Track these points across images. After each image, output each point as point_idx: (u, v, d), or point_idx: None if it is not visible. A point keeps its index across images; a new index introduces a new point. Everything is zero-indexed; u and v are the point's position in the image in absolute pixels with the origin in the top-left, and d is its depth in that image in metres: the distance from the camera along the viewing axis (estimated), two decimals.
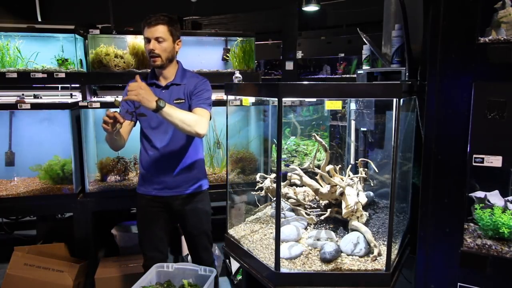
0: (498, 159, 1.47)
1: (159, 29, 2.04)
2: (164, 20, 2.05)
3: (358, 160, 2.12)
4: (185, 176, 2.19)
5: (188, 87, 2.16)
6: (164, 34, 2.05)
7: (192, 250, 2.37)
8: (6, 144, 3.16)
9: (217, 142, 3.31)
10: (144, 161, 2.21)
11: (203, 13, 6.80)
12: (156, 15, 2.06)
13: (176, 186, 2.19)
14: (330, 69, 7.73)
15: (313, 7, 5.23)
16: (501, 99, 1.45)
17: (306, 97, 2.36)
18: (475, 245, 1.57)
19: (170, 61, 2.13)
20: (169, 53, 2.10)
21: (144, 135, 2.20)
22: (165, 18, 2.06)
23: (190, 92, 2.14)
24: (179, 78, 2.18)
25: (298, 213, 1.99)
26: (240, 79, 3.09)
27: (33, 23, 3.20)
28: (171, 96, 2.14)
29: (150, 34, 2.05)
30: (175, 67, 2.20)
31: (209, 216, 2.33)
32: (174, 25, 2.10)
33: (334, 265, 1.61)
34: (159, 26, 2.04)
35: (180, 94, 2.15)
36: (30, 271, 2.71)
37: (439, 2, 1.51)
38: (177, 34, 2.13)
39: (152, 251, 2.26)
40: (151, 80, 2.18)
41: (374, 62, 2.49)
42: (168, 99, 2.10)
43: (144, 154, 2.21)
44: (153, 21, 2.04)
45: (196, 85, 2.15)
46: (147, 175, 2.21)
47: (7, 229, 3.83)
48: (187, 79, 2.19)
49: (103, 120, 1.85)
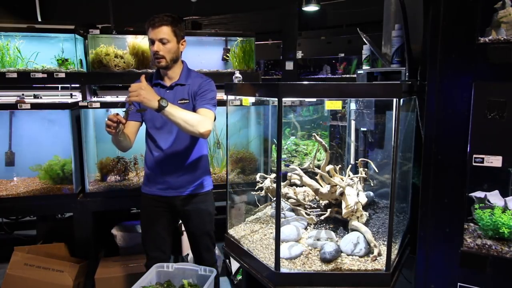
0: (498, 159, 1.47)
1: (163, 30, 2.03)
2: (167, 21, 2.04)
3: (358, 160, 2.12)
4: (189, 176, 2.19)
5: (193, 87, 2.15)
6: (168, 35, 2.04)
7: (194, 250, 2.37)
8: (6, 144, 3.16)
9: (217, 142, 3.31)
10: (148, 161, 2.21)
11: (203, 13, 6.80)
12: (160, 16, 2.04)
13: (180, 186, 2.19)
14: (330, 69, 7.73)
15: (313, 7, 5.23)
16: (501, 99, 1.45)
17: (306, 97, 2.36)
18: (475, 245, 1.57)
19: (174, 61, 2.13)
20: (174, 54, 2.09)
21: (149, 135, 2.20)
22: (168, 18, 2.05)
23: (194, 92, 2.14)
24: (183, 79, 2.17)
25: (298, 213, 1.99)
26: (240, 79, 3.09)
27: (33, 23, 3.20)
28: (175, 96, 2.14)
29: (154, 35, 2.03)
30: (180, 67, 2.19)
31: (212, 217, 2.33)
32: (178, 25, 2.08)
33: (334, 265, 1.61)
34: (163, 27, 2.02)
35: (184, 94, 2.15)
36: (30, 271, 2.70)
37: (439, 2, 1.51)
38: (181, 34, 2.12)
39: (155, 251, 2.26)
40: (156, 80, 2.18)
41: (374, 62, 2.49)
42: (173, 99, 2.10)
43: (149, 154, 2.21)
44: (157, 22, 2.02)
45: (200, 85, 2.14)
46: (151, 175, 2.21)
47: (7, 229, 3.83)
48: (191, 79, 2.18)
49: (106, 124, 1.85)
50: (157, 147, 2.17)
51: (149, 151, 2.21)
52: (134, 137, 2.17)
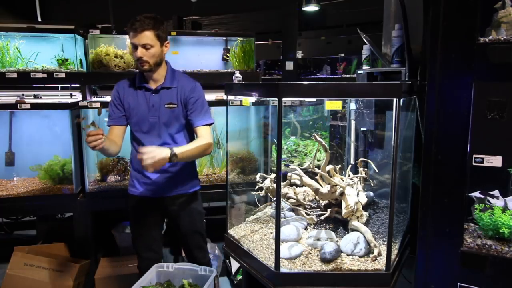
0: (498, 159, 1.47)
1: (145, 35, 1.96)
2: (150, 25, 1.96)
3: (358, 160, 2.12)
4: (176, 177, 2.19)
5: (181, 92, 2.12)
6: (151, 40, 1.98)
7: (186, 250, 2.37)
8: (6, 144, 3.16)
9: (217, 142, 3.31)
10: (135, 163, 2.18)
11: (203, 13, 6.80)
12: (141, 19, 1.96)
13: (168, 187, 2.19)
14: (330, 69, 7.73)
15: (313, 7, 5.23)
16: (501, 99, 1.45)
17: (306, 97, 2.36)
18: (475, 245, 1.57)
19: (158, 64, 2.08)
20: (158, 58, 2.04)
21: (135, 138, 2.18)
22: (150, 22, 1.97)
23: (185, 100, 2.11)
24: (169, 81, 2.13)
25: (298, 213, 1.99)
26: (240, 79, 3.09)
27: (33, 23, 3.20)
28: (162, 100, 2.11)
29: (136, 40, 1.97)
30: (164, 69, 2.14)
31: (202, 216, 2.34)
32: (160, 27, 2.01)
33: (334, 265, 1.61)
34: (145, 32, 1.95)
35: (172, 98, 2.11)
36: (30, 271, 2.71)
37: (439, 2, 1.51)
38: (164, 36, 2.05)
39: (147, 252, 2.26)
40: (140, 83, 2.13)
41: (374, 62, 2.49)
42: (159, 103, 2.09)
43: (134, 153, 2.18)
44: (138, 27, 1.94)
45: (190, 93, 2.11)
46: (138, 176, 2.20)
47: (7, 229, 3.83)
48: (177, 81, 2.14)
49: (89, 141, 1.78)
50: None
51: (136, 153, 2.15)
52: (122, 141, 2.13)
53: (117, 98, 2.13)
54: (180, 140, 2.17)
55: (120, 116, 2.13)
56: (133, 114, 2.12)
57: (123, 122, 2.15)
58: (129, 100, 2.12)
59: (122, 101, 2.13)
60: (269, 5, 6.34)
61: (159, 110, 2.10)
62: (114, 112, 2.14)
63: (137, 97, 2.12)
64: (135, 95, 2.13)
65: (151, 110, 2.10)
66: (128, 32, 2.00)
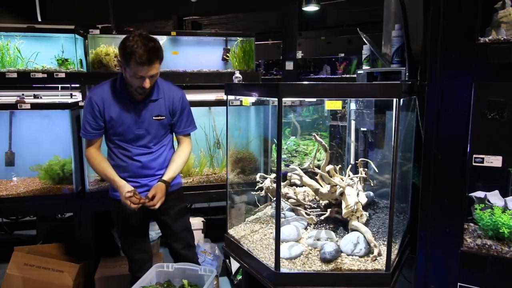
0: (498, 159, 1.47)
1: (155, 67, 1.91)
2: (158, 58, 1.92)
3: (358, 160, 2.12)
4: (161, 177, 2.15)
5: (169, 103, 2.10)
6: (157, 68, 1.94)
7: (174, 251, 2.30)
8: (6, 144, 3.16)
9: (217, 142, 3.31)
10: (117, 168, 2.11)
11: (203, 13, 6.80)
12: (147, 49, 1.85)
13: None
14: (330, 69, 7.73)
15: (313, 7, 5.24)
16: (501, 99, 1.45)
17: (306, 97, 2.36)
18: (475, 245, 1.57)
19: None
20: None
21: (118, 146, 2.11)
22: (157, 53, 1.90)
23: (173, 110, 2.11)
24: (155, 94, 2.07)
25: (298, 213, 1.99)
26: (240, 79, 3.09)
27: (33, 23, 3.20)
28: (149, 112, 2.06)
29: (144, 72, 1.88)
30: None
31: (188, 212, 2.35)
32: (161, 50, 1.95)
33: (334, 265, 1.61)
34: (155, 64, 1.91)
35: (161, 110, 2.08)
36: (30, 271, 2.70)
37: (439, 2, 1.51)
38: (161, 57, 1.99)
39: (138, 254, 2.23)
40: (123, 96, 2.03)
41: (374, 62, 2.49)
42: (144, 114, 2.05)
43: (117, 160, 2.12)
44: (146, 61, 1.85)
45: (178, 104, 2.12)
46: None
47: (7, 229, 3.83)
48: (162, 92, 2.10)
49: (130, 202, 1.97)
50: (127, 157, 2.10)
51: (117, 158, 2.11)
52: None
53: (97, 111, 2.03)
54: (167, 141, 2.20)
55: (101, 128, 2.07)
56: (116, 126, 2.05)
57: (103, 133, 2.10)
58: (110, 113, 2.03)
59: (102, 114, 2.04)
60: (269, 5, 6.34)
61: (146, 122, 2.06)
62: (95, 124, 2.05)
63: (119, 109, 2.04)
64: (116, 107, 2.03)
65: (138, 123, 2.05)
66: (133, 64, 1.86)
